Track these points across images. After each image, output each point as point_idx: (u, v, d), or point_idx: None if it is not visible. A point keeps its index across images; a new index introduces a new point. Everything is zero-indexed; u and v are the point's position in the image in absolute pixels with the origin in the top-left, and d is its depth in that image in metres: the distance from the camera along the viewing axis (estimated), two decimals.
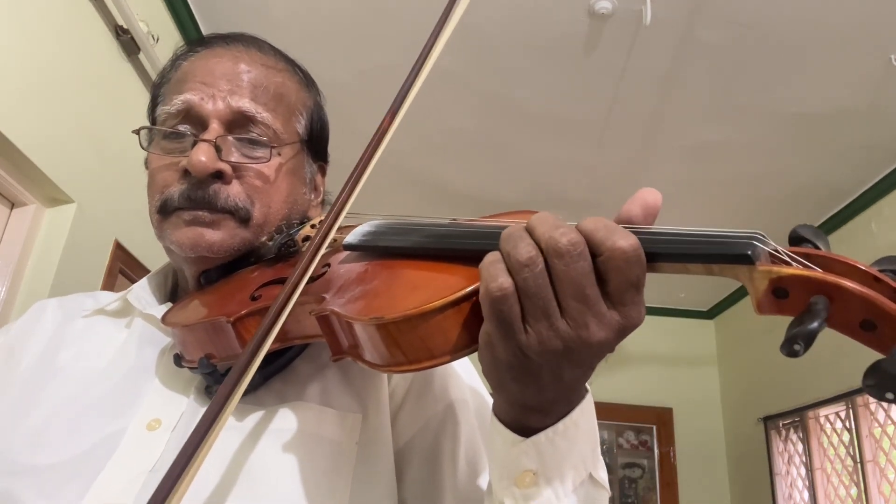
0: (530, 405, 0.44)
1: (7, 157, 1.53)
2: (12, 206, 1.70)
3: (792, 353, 0.34)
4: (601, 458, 0.48)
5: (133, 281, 0.83)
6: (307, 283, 0.55)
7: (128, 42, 1.95)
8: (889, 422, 3.00)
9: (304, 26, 2.40)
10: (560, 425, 0.45)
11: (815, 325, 0.34)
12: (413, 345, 0.43)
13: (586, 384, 0.47)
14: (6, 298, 1.61)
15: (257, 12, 2.34)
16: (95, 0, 1.81)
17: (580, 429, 0.45)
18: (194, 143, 0.64)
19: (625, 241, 0.38)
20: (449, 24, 0.54)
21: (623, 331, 0.40)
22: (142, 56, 2.01)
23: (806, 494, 3.49)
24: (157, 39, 2.06)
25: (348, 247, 0.56)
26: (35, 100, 1.57)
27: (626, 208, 0.42)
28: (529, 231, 0.41)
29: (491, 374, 0.44)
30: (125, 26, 1.90)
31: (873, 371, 0.34)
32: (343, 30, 2.42)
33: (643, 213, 0.42)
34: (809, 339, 0.34)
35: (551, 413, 0.45)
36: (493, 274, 0.40)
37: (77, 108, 1.74)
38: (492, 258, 0.41)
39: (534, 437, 0.44)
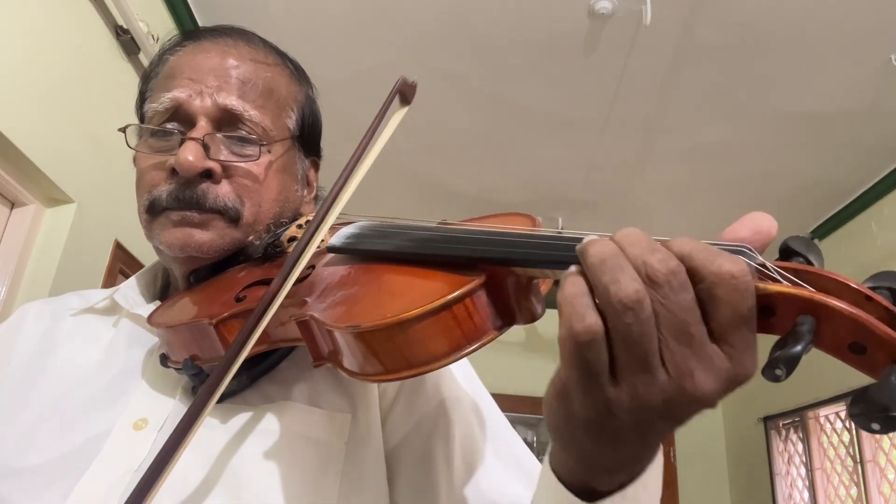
0: (601, 465, 0.38)
1: (7, 157, 1.54)
2: (12, 206, 1.70)
3: (773, 378, 0.32)
4: None
5: None
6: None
7: (128, 42, 1.95)
8: None
9: (302, 26, 2.40)
10: (630, 489, 0.39)
11: (797, 348, 0.32)
12: (390, 354, 0.41)
13: None
14: (6, 298, 1.61)
15: (256, 12, 2.35)
16: (95, 0, 1.82)
17: (648, 491, 0.39)
18: (182, 142, 0.62)
19: (732, 264, 0.32)
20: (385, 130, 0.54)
21: (733, 380, 0.34)
22: (142, 56, 2.02)
23: (806, 494, 3.48)
24: (157, 39, 2.06)
25: (332, 249, 0.55)
26: (35, 100, 1.57)
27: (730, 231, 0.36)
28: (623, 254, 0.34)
29: (560, 427, 0.38)
30: (125, 26, 1.91)
31: (860, 399, 0.31)
32: (340, 29, 2.43)
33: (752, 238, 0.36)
34: (791, 364, 0.32)
35: (621, 472, 0.39)
36: (579, 311, 0.33)
37: (77, 108, 1.75)
38: (574, 288, 0.34)
39: None
